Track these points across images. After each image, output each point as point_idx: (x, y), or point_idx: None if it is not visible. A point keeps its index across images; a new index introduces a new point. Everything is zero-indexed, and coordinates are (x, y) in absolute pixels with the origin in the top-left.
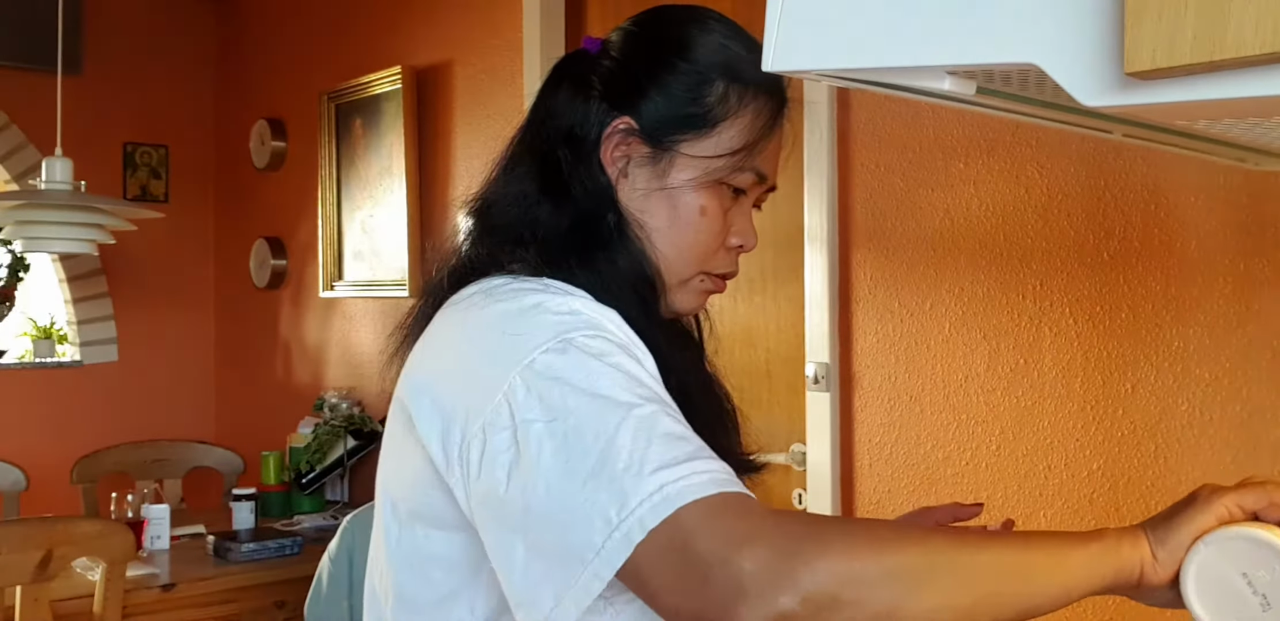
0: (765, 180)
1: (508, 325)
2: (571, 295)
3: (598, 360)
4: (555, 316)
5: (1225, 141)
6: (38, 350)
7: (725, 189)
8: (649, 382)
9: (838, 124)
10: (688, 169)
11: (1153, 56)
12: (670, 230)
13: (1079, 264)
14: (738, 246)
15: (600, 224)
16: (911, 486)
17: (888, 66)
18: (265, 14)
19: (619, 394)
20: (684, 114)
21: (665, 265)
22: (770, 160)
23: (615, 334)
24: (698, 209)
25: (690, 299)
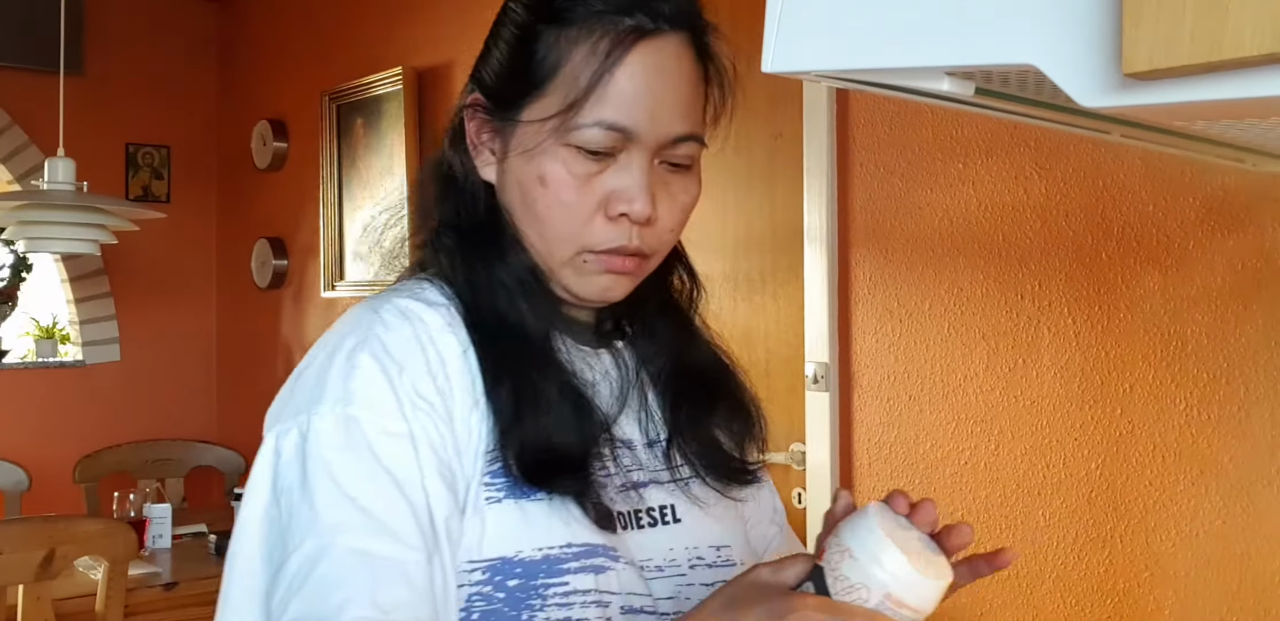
0: (626, 132)
1: (323, 360)
2: (409, 322)
3: (350, 453)
4: (361, 371)
5: (1223, 142)
6: (40, 350)
7: (575, 152)
8: (382, 488)
9: (838, 124)
10: (526, 137)
11: (1151, 57)
12: (523, 208)
13: (1077, 264)
14: (620, 215)
15: (471, 217)
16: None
17: (887, 67)
18: (267, 15)
19: (329, 512)
20: (514, 76)
21: (537, 249)
22: (623, 102)
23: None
24: (535, 180)
25: (585, 283)
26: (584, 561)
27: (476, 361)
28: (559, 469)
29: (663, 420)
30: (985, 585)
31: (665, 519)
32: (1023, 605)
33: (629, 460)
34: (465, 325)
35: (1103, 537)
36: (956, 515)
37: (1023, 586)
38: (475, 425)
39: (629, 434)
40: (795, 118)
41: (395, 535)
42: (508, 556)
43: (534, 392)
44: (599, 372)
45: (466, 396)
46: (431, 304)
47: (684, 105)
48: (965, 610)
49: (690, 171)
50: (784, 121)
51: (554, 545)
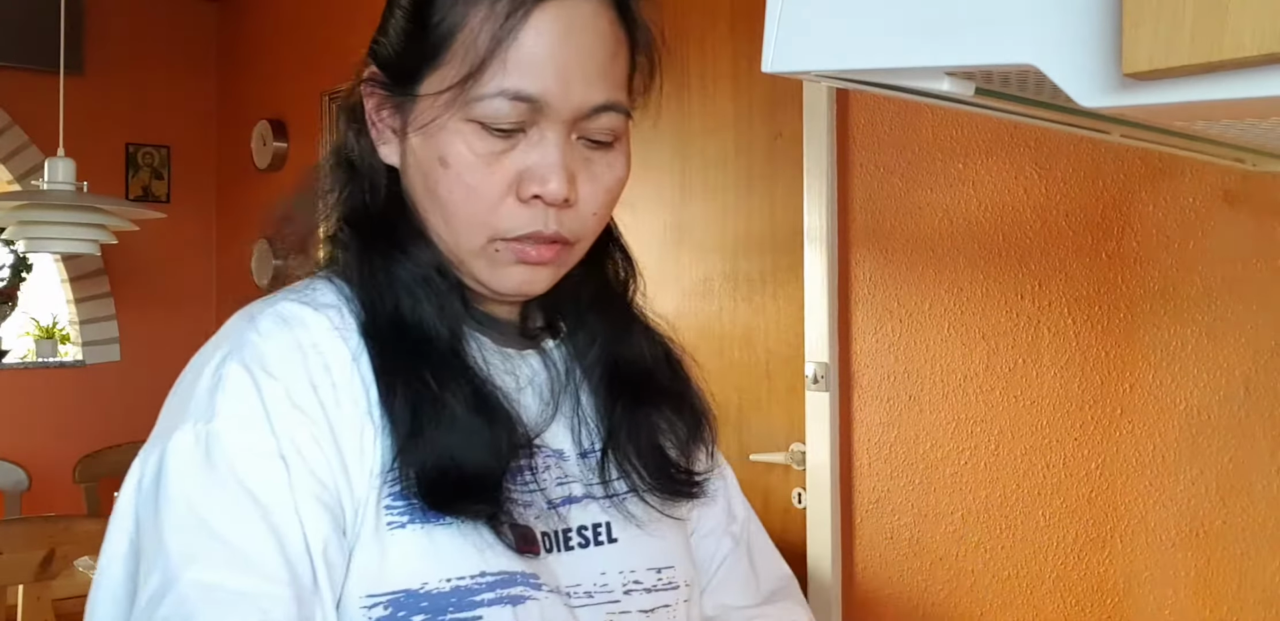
0: (533, 101)
1: (192, 375)
2: (289, 328)
3: (209, 475)
4: (228, 383)
5: (1223, 142)
6: (40, 350)
7: (478, 127)
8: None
9: (837, 124)
10: (425, 113)
11: (1150, 57)
12: (426, 193)
13: (1077, 264)
14: (533, 197)
15: (371, 206)
16: (910, 485)
17: (887, 67)
18: (267, 14)
19: (178, 541)
20: (409, 43)
21: (444, 238)
22: (529, 67)
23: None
24: (436, 162)
25: (500, 276)
26: (499, 592)
27: (370, 369)
28: (465, 491)
29: (598, 427)
30: (985, 585)
31: (598, 539)
32: (1023, 605)
33: (559, 473)
34: (359, 329)
35: (1103, 537)
36: (956, 515)
37: (1023, 586)
38: (369, 441)
39: (560, 443)
40: (795, 118)
41: (253, 566)
42: (412, 589)
43: (434, 403)
44: (524, 377)
45: (357, 409)
46: (320, 306)
47: (600, 71)
48: (965, 610)
49: (615, 148)
50: (784, 121)
51: (465, 575)
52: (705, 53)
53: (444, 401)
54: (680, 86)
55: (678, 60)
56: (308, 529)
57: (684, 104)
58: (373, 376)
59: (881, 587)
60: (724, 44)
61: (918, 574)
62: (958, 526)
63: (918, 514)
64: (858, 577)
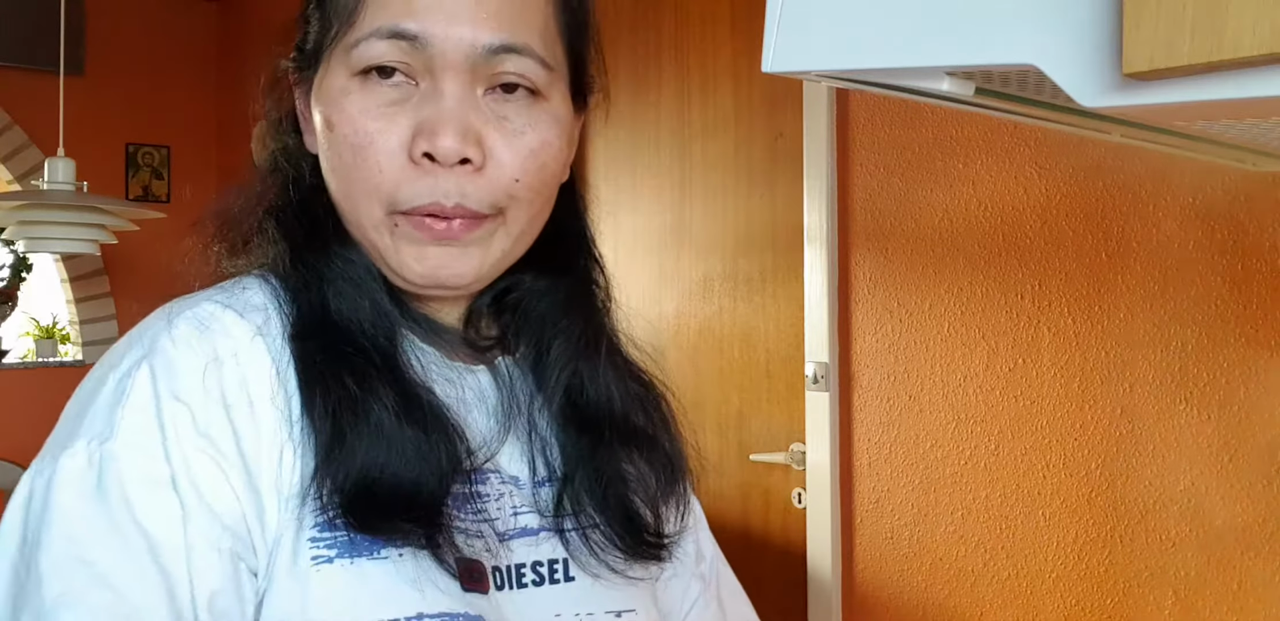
0: (412, 39)
1: (94, 382)
2: (207, 335)
3: (97, 504)
4: (132, 398)
5: (1223, 142)
6: (40, 350)
7: (360, 79)
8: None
9: (837, 124)
10: (316, 78)
11: (1151, 57)
12: (326, 166)
13: (1077, 264)
14: (424, 156)
15: (294, 197)
16: (910, 485)
17: (887, 67)
18: (266, 14)
19: (54, 579)
20: (311, 18)
21: (347, 218)
22: (410, 7)
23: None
24: (325, 124)
25: (406, 259)
26: None
27: (295, 380)
28: (398, 510)
29: (559, 456)
30: (985, 585)
31: (554, 576)
32: (1023, 605)
33: (513, 502)
34: (286, 333)
35: (1103, 537)
36: (956, 515)
37: (1023, 586)
38: (287, 465)
39: (515, 470)
40: (795, 118)
41: (138, 615)
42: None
43: (353, 408)
44: (473, 394)
45: (278, 428)
46: (245, 309)
47: (497, 8)
48: (965, 610)
49: (539, 106)
50: (784, 121)
51: (399, 617)
52: (705, 53)
53: (367, 406)
54: (680, 86)
55: (678, 60)
56: (195, 575)
57: (684, 104)
58: (296, 390)
59: (881, 587)
60: (724, 44)
61: (918, 574)
62: (958, 526)
63: (918, 514)
64: (858, 577)
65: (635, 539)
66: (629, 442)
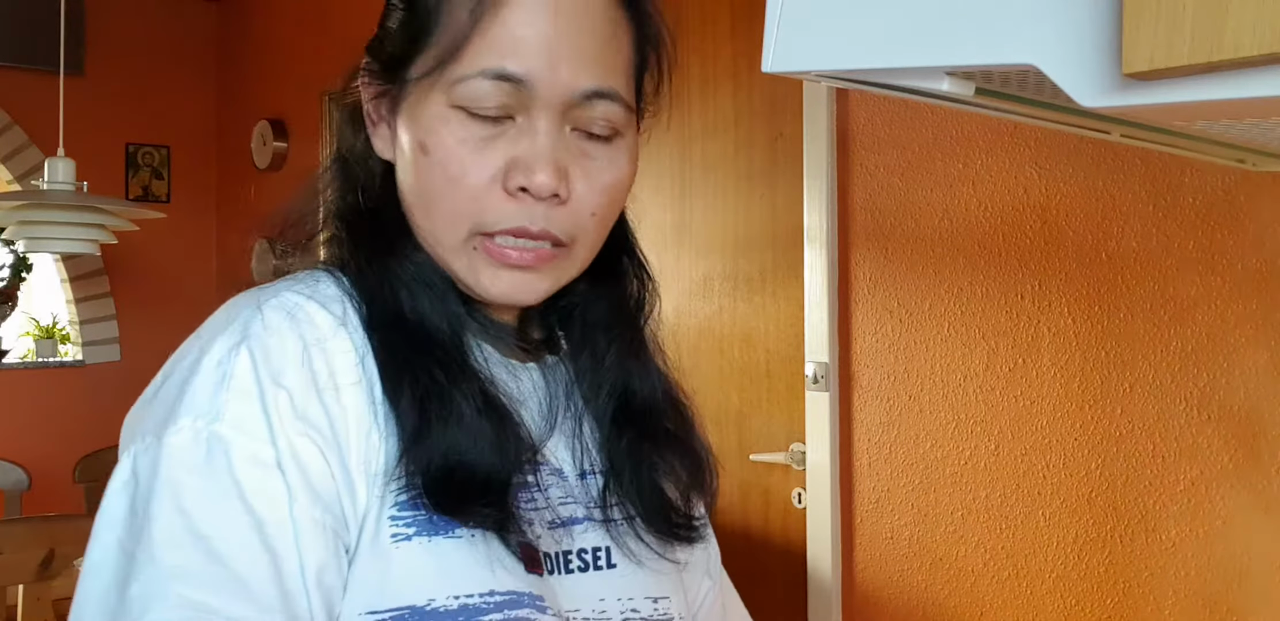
0: (517, 81)
1: (190, 364)
2: (295, 324)
3: (209, 482)
4: (234, 382)
5: (1223, 142)
6: (40, 350)
7: (461, 113)
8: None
9: (838, 124)
10: (411, 99)
11: (1150, 58)
12: (408, 184)
13: (1077, 264)
14: (519, 189)
15: (365, 203)
16: (910, 485)
17: (887, 67)
18: (266, 14)
19: (169, 552)
20: (399, 24)
21: (426, 236)
22: (513, 45)
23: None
24: (418, 148)
25: (484, 280)
26: (507, 613)
27: (376, 368)
28: (475, 494)
29: (599, 450)
30: (985, 585)
31: (598, 563)
32: (1023, 605)
33: (560, 491)
34: (363, 324)
35: (1103, 537)
36: (956, 515)
37: (1023, 586)
38: (374, 448)
39: (560, 461)
40: (795, 118)
41: (247, 590)
42: (417, 605)
43: (442, 400)
44: (525, 390)
45: (363, 413)
46: (326, 300)
47: (595, 55)
48: (965, 610)
49: (615, 144)
50: (784, 121)
51: (473, 593)
52: (705, 53)
53: (452, 398)
54: (680, 86)
55: (678, 60)
56: (304, 552)
57: (684, 104)
58: (377, 375)
59: (881, 587)
60: (724, 44)
61: (918, 574)
62: (958, 526)
63: (918, 514)
64: (858, 577)
65: (670, 524)
66: (664, 440)
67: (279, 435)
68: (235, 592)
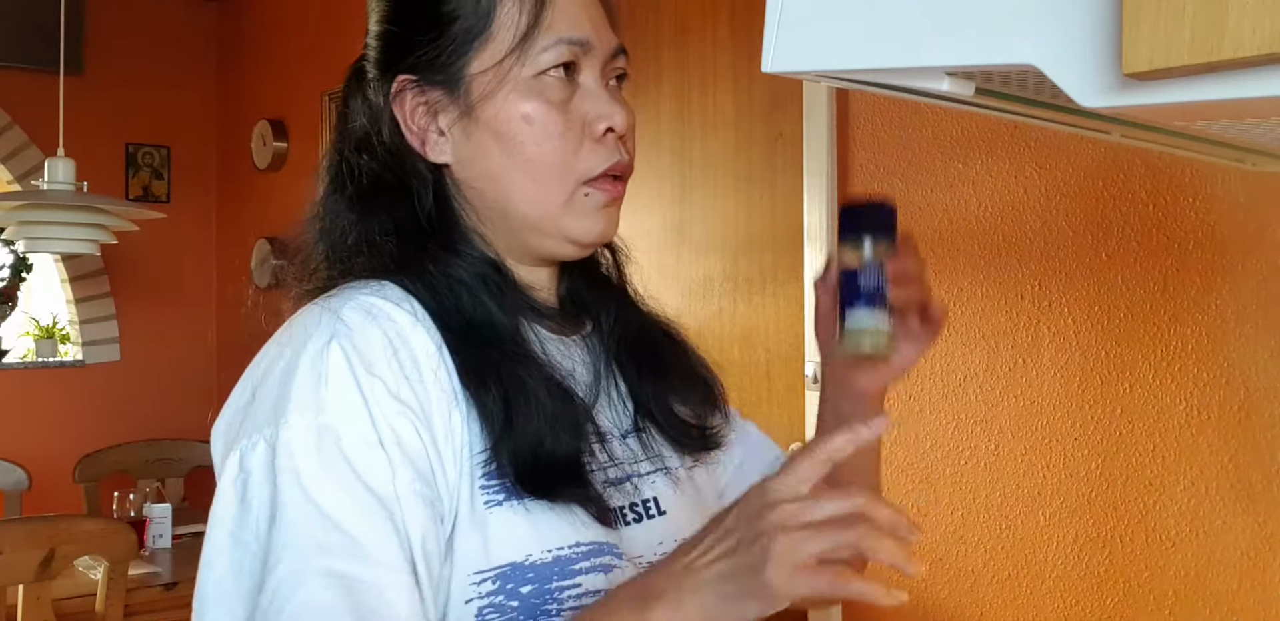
0: (583, 44)
1: (286, 366)
2: (376, 321)
3: (326, 468)
4: (331, 376)
5: (1223, 142)
6: (40, 350)
7: (544, 81)
8: (362, 506)
9: (837, 124)
10: (485, 87)
11: (1150, 57)
12: (511, 161)
13: (1077, 264)
14: (606, 130)
15: (413, 217)
16: (910, 485)
17: (887, 67)
18: (266, 14)
19: (306, 533)
20: (447, 34)
21: (530, 203)
22: (570, 19)
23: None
24: (520, 119)
25: (588, 222)
26: (593, 560)
27: (451, 359)
28: (559, 476)
29: (627, 404)
30: (985, 585)
31: (650, 512)
32: (1023, 605)
33: (605, 456)
34: (434, 320)
35: (1103, 537)
36: (956, 515)
37: (1023, 586)
38: (458, 427)
39: (605, 425)
40: (795, 118)
41: (377, 558)
42: (518, 561)
43: (524, 393)
44: (577, 362)
45: (444, 397)
46: (397, 300)
47: (605, 19)
48: (965, 610)
49: (621, 89)
50: (784, 121)
51: (563, 545)
52: (705, 53)
53: (531, 390)
54: (680, 86)
55: (678, 60)
56: (409, 521)
57: (684, 104)
58: (454, 366)
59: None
60: (724, 44)
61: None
62: (958, 526)
63: (918, 514)
64: None
65: (693, 439)
66: (670, 370)
67: (379, 418)
68: (367, 560)
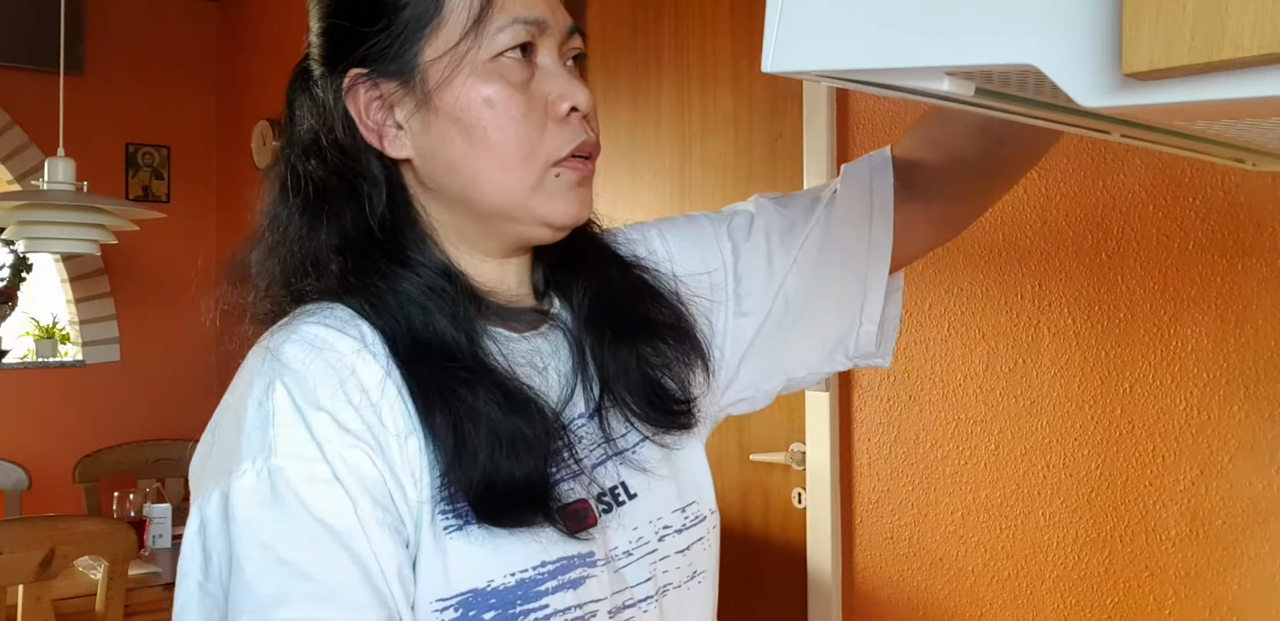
0: (539, 23)
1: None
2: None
3: (279, 511)
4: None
5: (1223, 142)
6: (40, 350)
7: (501, 63)
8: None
9: (837, 124)
10: (441, 73)
11: (1151, 57)
12: (475, 150)
13: (1077, 264)
14: (569, 110)
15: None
16: (910, 485)
17: (887, 67)
18: (266, 14)
19: (263, 583)
20: (397, 22)
21: (498, 190)
22: (526, 2)
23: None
24: (481, 103)
25: (560, 204)
26: (561, 578)
27: (403, 384)
28: (517, 502)
29: (598, 371)
30: (985, 585)
31: (619, 500)
32: (1023, 605)
33: (589, 440)
34: (383, 341)
35: (1103, 537)
36: (956, 515)
37: (1023, 586)
38: (414, 453)
39: (582, 407)
40: (795, 118)
41: (343, 598)
42: (479, 588)
43: (474, 417)
44: (545, 356)
45: (399, 423)
46: (342, 326)
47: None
48: (965, 610)
49: (580, 70)
50: (784, 121)
51: (527, 567)
52: (705, 53)
53: (485, 415)
54: (680, 86)
55: (678, 60)
56: (379, 552)
57: (684, 104)
58: (406, 391)
59: (881, 587)
60: (724, 44)
61: (918, 574)
62: (958, 526)
63: (918, 514)
64: (858, 577)
65: (668, 413)
66: (644, 329)
67: (330, 452)
68: (331, 602)
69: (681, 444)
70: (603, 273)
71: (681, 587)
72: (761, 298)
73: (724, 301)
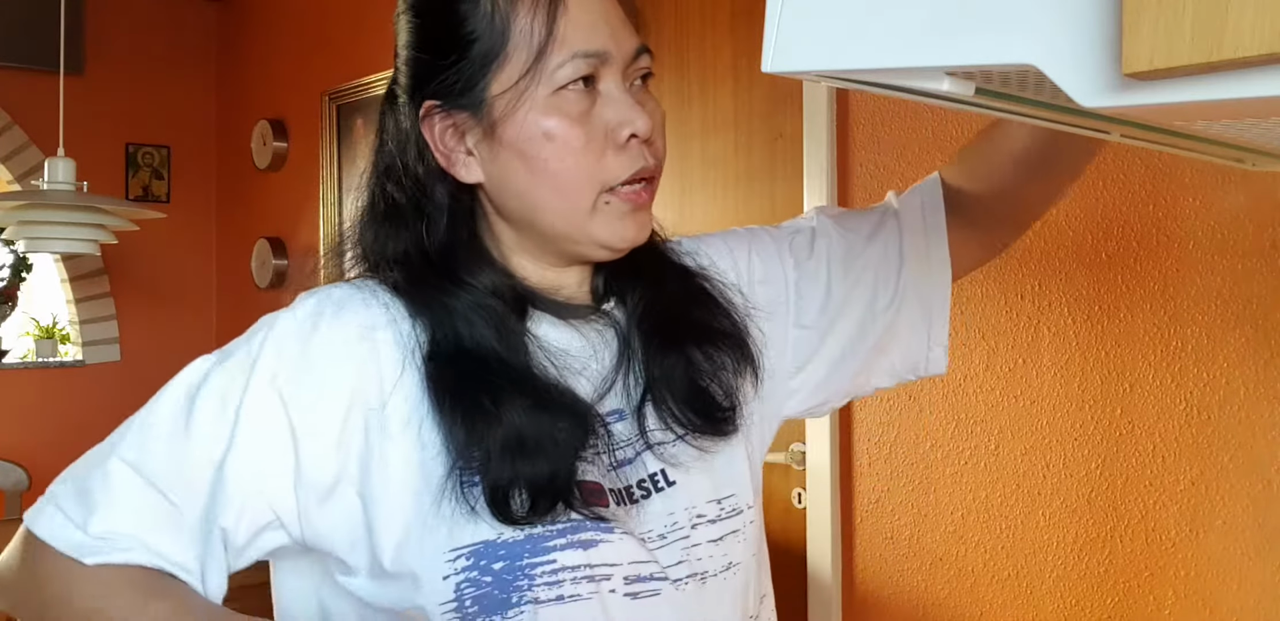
0: (600, 55)
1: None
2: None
3: (183, 403)
4: (260, 333)
5: (1223, 142)
6: (40, 350)
7: (563, 96)
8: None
9: (837, 124)
10: (504, 108)
11: (1151, 57)
12: (535, 178)
13: (1077, 264)
14: (629, 137)
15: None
16: (910, 485)
17: (887, 67)
18: (266, 14)
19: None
20: (468, 58)
21: (556, 216)
22: (585, 30)
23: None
24: (541, 137)
25: (614, 229)
26: (570, 538)
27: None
28: (540, 503)
29: (640, 381)
30: (985, 585)
31: (658, 486)
32: (1023, 605)
33: (620, 436)
34: (426, 336)
35: (1103, 537)
36: (956, 515)
37: (1023, 586)
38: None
39: (619, 403)
40: (795, 118)
41: (170, 490)
42: (490, 539)
43: (490, 418)
44: (596, 344)
45: (410, 402)
46: (388, 304)
47: (623, 20)
48: (965, 610)
49: (649, 86)
50: (784, 121)
51: (537, 524)
52: (705, 53)
53: (499, 416)
54: (680, 86)
55: (678, 60)
56: (252, 506)
57: (684, 104)
58: (428, 382)
59: (881, 587)
60: (724, 44)
61: (918, 574)
62: (958, 526)
63: (918, 514)
64: (858, 577)
65: (710, 419)
66: (697, 336)
67: (251, 390)
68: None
69: (718, 448)
70: (661, 279)
71: (717, 577)
72: (822, 315)
73: (785, 315)
